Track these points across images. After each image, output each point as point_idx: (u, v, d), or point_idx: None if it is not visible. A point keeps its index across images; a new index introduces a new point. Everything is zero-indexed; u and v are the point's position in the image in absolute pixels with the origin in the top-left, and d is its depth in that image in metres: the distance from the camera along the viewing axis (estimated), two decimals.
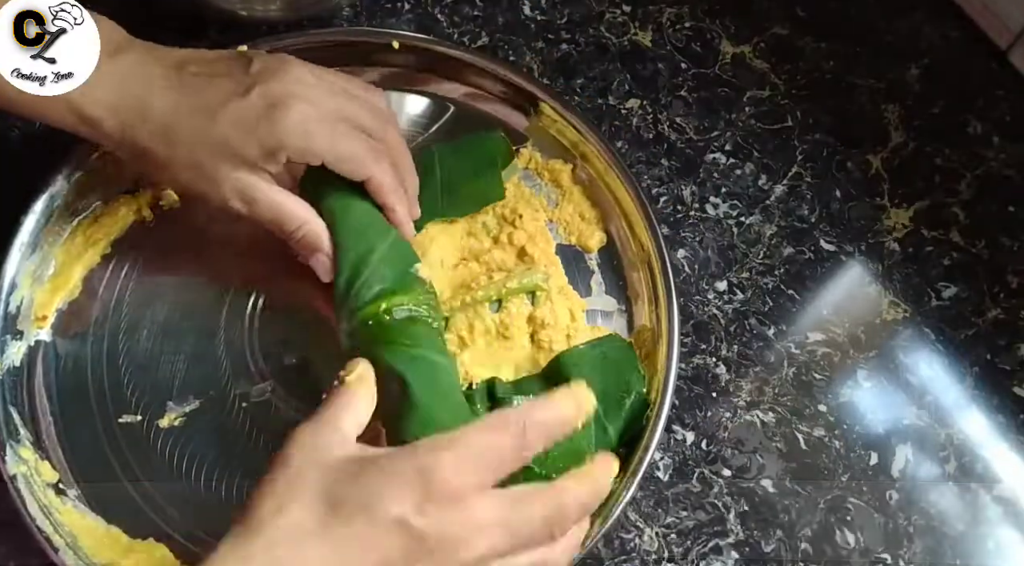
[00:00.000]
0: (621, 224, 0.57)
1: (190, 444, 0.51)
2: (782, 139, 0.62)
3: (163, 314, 0.54)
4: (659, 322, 0.53)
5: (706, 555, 0.51)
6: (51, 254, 0.54)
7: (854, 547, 0.51)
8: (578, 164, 0.58)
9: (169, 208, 0.57)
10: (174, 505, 0.50)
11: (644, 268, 0.55)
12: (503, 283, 0.53)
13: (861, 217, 0.60)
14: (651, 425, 0.50)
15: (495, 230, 0.56)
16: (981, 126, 0.63)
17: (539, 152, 0.59)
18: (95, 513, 0.50)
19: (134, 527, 0.49)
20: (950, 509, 0.52)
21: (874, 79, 0.64)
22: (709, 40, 0.65)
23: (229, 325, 0.54)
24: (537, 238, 0.56)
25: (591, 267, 0.57)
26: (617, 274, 0.57)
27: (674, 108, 0.63)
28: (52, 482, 0.50)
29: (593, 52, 0.65)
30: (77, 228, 0.55)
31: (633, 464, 0.49)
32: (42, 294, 0.54)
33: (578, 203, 0.58)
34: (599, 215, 0.58)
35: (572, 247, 0.57)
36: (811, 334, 0.56)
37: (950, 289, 0.58)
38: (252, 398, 0.52)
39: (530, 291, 0.54)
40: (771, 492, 0.52)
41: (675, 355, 0.51)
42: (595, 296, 0.56)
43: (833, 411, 0.54)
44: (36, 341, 0.53)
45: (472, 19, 0.65)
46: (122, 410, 0.52)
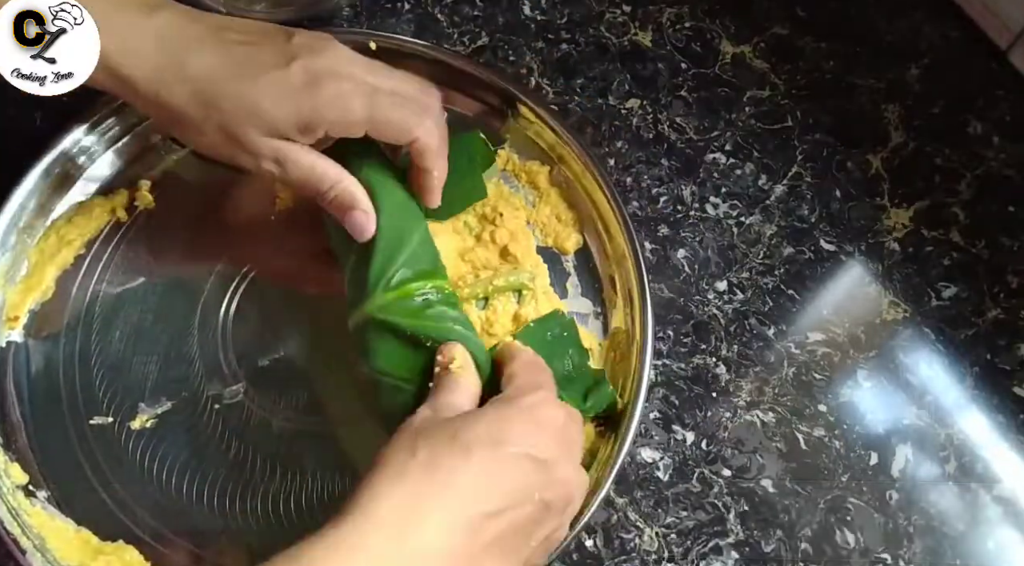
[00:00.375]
0: (598, 227, 0.57)
1: (161, 446, 0.51)
2: (782, 139, 0.62)
3: (136, 315, 0.54)
4: (633, 324, 0.53)
5: (706, 555, 0.51)
6: (24, 254, 0.54)
7: (854, 547, 0.51)
8: (555, 166, 0.59)
9: (144, 209, 0.57)
10: (145, 507, 0.50)
11: (620, 271, 0.56)
12: (490, 281, 0.53)
13: (861, 217, 0.60)
14: (625, 423, 0.50)
15: (477, 228, 0.56)
16: (981, 126, 0.63)
17: (516, 154, 0.59)
18: (65, 515, 0.49)
19: (104, 529, 0.49)
20: (950, 509, 0.52)
21: (874, 79, 0.64)
22: (709, 40, 0.65)
23: (203, 327, 0.54)
24: (519, 236, 0.56)
25: (567, 269, 0.57)
26: (593, 277, 0.57)
27: (674, 108, 0.63)
28: (22, 484, 0.49)
29: (593, 52, 0.65)
30: (51, 228, 0.55)
31: (608, 457, 0.49)
32: (14, 294, 0.53)
33: (555, 205, 0.58)
34: (575, 217, 0.58)
35: (548, 249, 0.57)
36: (811, 334, 0.57)
37: (950, 289, 0.58)
38: (224, 400, 0.52)
39: (516, 290, 0.54)
40: (771, 492, 0.52)
41: (648, 356, 0.52)
42: (571, 298, 0.56)
43: (833, 411, 0.54)
44: (7, 342, 0.53)
45: (472, 19, 0.65)
46: (93, 412, 0.52)
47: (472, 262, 0.55)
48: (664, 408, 0.54)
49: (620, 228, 0.55)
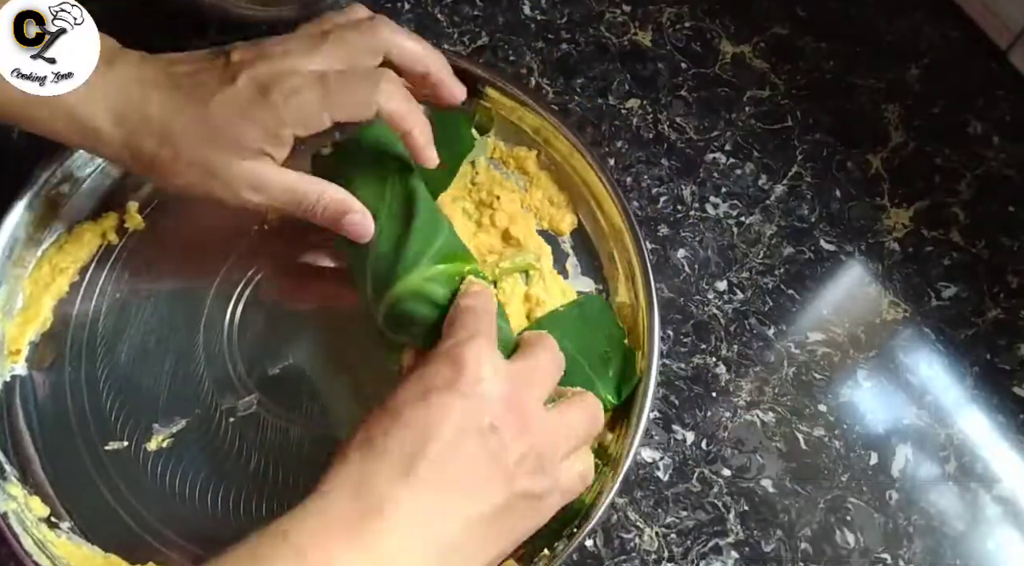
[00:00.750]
0: (591, 205, 0.57)
1: (180, 464, 0.50)
2: (782, 139, 0.62)
3: (139, 336, 0.53)
4: (637, 298, 0.53)
5: (706, 555, 0.51)
6: (18, 287, 0.53)
7: (854, 547, 0.51)
8: (542, 149, 0.59)
9: (135, 230, 0.56)
10: (170, 527, 0.49)
11: (618, 246, 0.56)
12: (496, 264, 0.53)
13: (861, 217, 0.60)
14: (639, 402, 0.50)
15: (476, 214, 0.56)
16: (981, 126, 0.63)
17: (502, 141, 0.59)
18: (91, 543, 0.48)
19: (132, 552, 0.48)
20: (950, 509, 0.52)
21: (874, 79, 0.64)
22: (709, 40, 0.65)
23: (208, 341, 0.53)
24: (518, 218, 0.56)
25: (565, 250, 0.57)
26: (591, 255, 0.57)
27: (674, 108, 0.63)
28: (43, 516, 0.49)
29: (593, 52, 0.65)
30: (43, 258, 0.54)
31: (623, 446, 0.49)
32: (13, 328, 0.53)
33: (546, 188, 0.58)
34: (568, 198, 0.58)
35: (545, 232, 0.57)
36: (811, 334, 0.56)
37: (950, 289, 0.58)
38: (239, 412, 0.52)
39: (523, 270, 0.54)
40: (771, 492, 0.52)
41: (656, 327, 0.52)
42: (572, 279, 0.56)
43: (833, 411, 0.54)
44: (12, 376, 0.52)
45: (472, 19, 0.65)
46: (108, 437, 0.51)
47: (477, 248, 0.55)
48: (664, 408, 0.54)
49: (614, 203, 0.55)
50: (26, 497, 0.49)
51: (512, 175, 0.59)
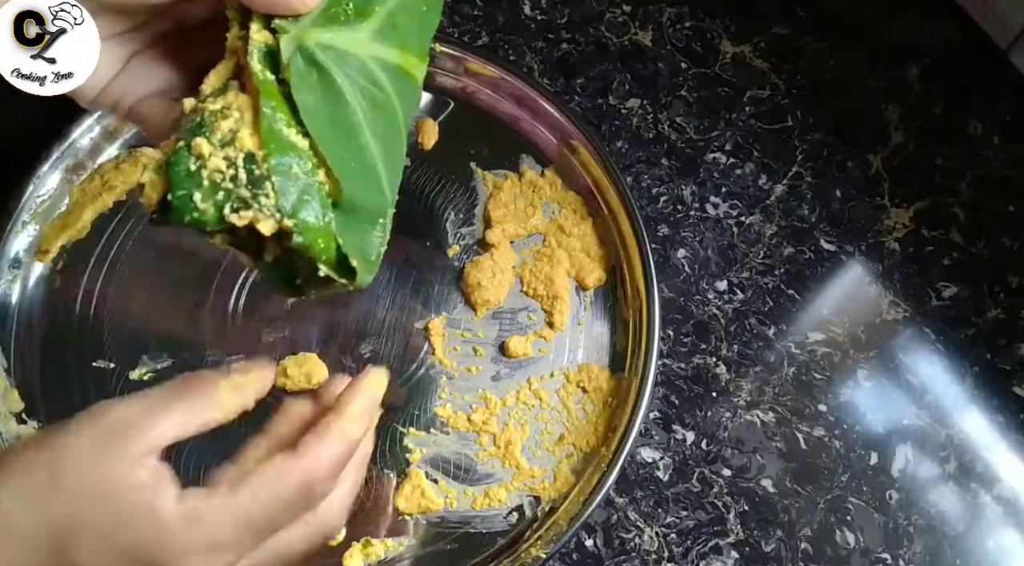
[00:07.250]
0: (623, 267, 0.56)
1: None
2: (782, 139, 0.62)
3: (161, 270, 0.55)
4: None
5: (706, 555, 0.51)
6: (66, 191, 0.55)
7: (854, 547, 0.51)
8: (596, 199, 0.58)
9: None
10: None
11: (634, 314, 0.55)
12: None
13: (861, 217, 0.60)
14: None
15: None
16: (981, 126, 0.63)
17: (560, 179, 0.59)
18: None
19: None
20: (950, 509, 0.52)
21: (874, 79, 0.64)
22: (709, 40, 0.65)
23: (217, 295, 0.55)
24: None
25: (584, 302, 0.56)
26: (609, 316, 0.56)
27: (674, 108, 0.63)
28: (16, 411, 0.51)
29: (593, 52, 0.65)
30: (97, 170, 0.56)
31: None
32: (49, 228, 0.55)
33: (585, 237, 0.57)
34: (603, 254, 0.57)
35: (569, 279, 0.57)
36: (811, 334, 0.57)
37: (950, 289, 0.58)
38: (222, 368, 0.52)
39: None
40: (771, 492, 0.52)
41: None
42: (586, 326, 0.56)
43: (833, 411, 0.54)
44: (33, 273, 0.54)
45: (472, 19, 0.65)
46: (98, 354, 0.53)
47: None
48: (664, 408, 0.54)
49: (641, 276, 0.55)
50: (7, 388, 0.51)
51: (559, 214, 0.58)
